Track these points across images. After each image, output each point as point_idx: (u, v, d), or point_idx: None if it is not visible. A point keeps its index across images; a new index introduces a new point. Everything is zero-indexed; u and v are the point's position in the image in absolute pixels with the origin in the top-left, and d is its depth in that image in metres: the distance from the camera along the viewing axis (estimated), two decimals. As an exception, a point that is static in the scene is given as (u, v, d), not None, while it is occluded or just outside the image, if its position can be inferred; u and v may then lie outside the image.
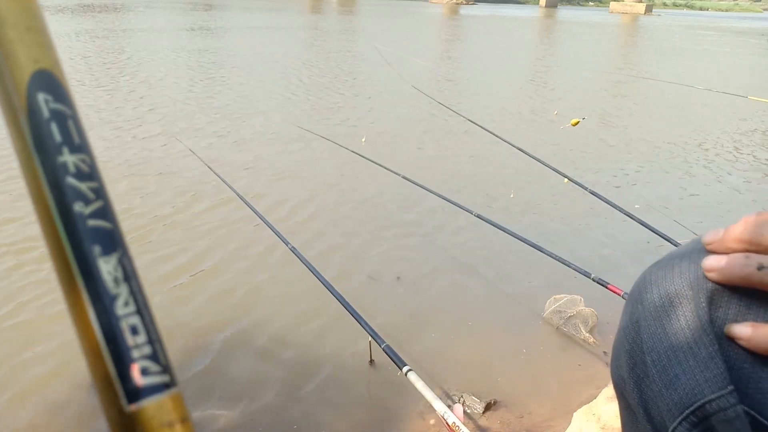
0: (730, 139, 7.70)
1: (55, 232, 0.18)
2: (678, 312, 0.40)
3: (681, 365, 0.39)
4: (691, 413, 0.38)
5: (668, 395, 0.40)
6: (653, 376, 0.41)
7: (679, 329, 0.40)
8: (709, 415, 0.38)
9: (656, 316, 0.42)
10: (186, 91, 9.13)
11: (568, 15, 50.30)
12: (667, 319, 0.41)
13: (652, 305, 0.42)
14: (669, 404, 0.40)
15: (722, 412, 0.37)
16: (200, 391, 2.64)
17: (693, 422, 0.38)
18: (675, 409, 0.39)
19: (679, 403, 0.39)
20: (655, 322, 0.42)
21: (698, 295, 0.40)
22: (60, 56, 0.20)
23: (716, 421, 0.37)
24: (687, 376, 0.39)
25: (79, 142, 0.19)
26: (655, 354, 0.41)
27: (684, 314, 0.40)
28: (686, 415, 0.39)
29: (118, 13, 23.84)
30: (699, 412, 0.38)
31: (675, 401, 0.39)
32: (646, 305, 0.43)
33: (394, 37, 21.76)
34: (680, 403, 0.39)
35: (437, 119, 7.83)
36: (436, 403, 1.44)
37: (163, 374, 0.19)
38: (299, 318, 3.23)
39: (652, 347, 0.41)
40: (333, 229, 4.37)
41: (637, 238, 4.07)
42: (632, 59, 18.05)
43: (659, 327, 0.41)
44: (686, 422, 0.39)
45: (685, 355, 0.39)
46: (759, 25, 46.34)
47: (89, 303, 0.18)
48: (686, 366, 0.39)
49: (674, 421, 0.39)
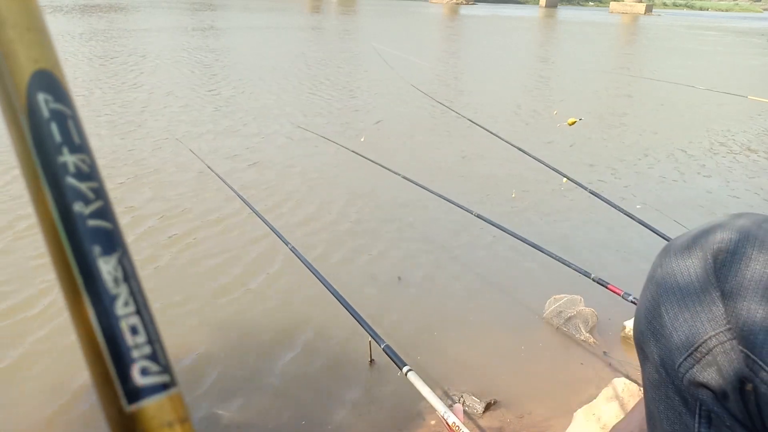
0: (730, 139, 7.69)
1: (55, 232, 0.18)
2: (689, 269, 0.48)
3: (690, 310, 0.47)
4: (696, 349, 0.46)
5: (677, 336, 0.48)
6: (666, 323, 0.49)
7: (689, 281, 0.48)
8: (710, 349, 0.45)
9: (672, 274, 0.49)
10: (186, 91, 9.13)
11: (568, 15, 50.29)
12: (680, 275, 0.49)
13: (669, 265, 0.50)
14: (677, 344, 0.47)
15: (721, 345, 0.45)
16: (200, 392, 2.64)
17: (697, 357, 0.46)
18: (682, 347, 0.47)
19: (686, 342, 0.47)
20: (670, 278, 0.49)
21: (706, 254, 0.47)
22: (60, 56, 0.20)
23: (716, 353, 0.45)
24: (694, 318, 0.47)
25: (79, 142, 0.19)
26: (668, 304, 0.49)
27: (694, 269, 0.48)
28: (690, 352, 0.46)
29: (118, 13, 23.84)
30: (702, 347, 0.46)
31: (682, 340, 0.47)
32: (665, 266, 0.51)
33: (394, 37, 21.76)
34: (687, 341, 0.47)
35: (437, 119, 7.83)
36: (436, 403, 1.44)
37: (162, 374, 0.19)
38: (299, 318, 3.23)
39: (666, 299, 0.49)
40: (333, 229, 4.37)
41: (637, 237, 4.07)
42: (632, 59, 18.05)
43: (673, 282, 0.49)
44: (691, 358, 0.46)
45: (692, 301, 0.47)
46: (759, 25, 46.32)
47: (89, 303, 0.18)
48: (693, 310, 0.47)
49: (681, 357, 0.47)
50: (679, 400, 0.49)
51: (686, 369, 0.47)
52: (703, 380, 0.46)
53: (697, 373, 0.47)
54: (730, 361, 0.45)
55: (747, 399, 0.44)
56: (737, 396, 0.45)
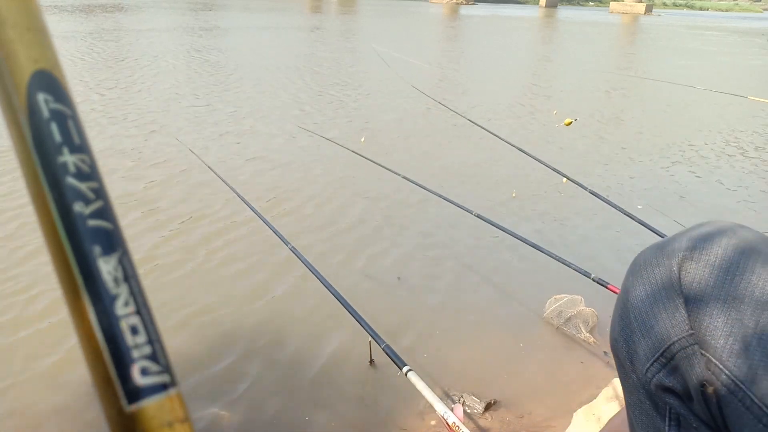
0: (730, 139, 7.69)
1: (55, 232, 0.18)
2: (656, 275, 0.50)
3: (655, 316, 0.49)
4: (661, 354, 0.48)
5: (644, 342, 0.50)
6: (635, 329, 0.51)
7: (655, 289, 0.50)
8: (674, 354, 0.48)
9: (640, 281, 0.52)
10: (186, 91, 9.13)
11: (568, 15, 50.29)
12: (647, 282, 0.51)
13: (638, 273, 0.53)
14: (645, 350, 0.50)
15: (683, 350, 0.47)
16: (200, 392, 2.63)
17: (662, 362, 0.48)
18: (649, 352, 0.49)
19: (652, 347, 0.49)
20: (639, 286, 0.52)
21: (671, 262, 0.49)
22: (60, 56, 0.20)
23: (679, 358, 0.47)
24: (659, 324, 0.49)
25: (79, 142, 0.19)
26: (636, 311, 0.51)
27: (660, 277, 0.50)
28: (657, 357, 0.49)
29: (118, 13, 23.84)
30: (667, 352, 0.48)
31: (650, 345, 0.49)
32: (634, 273, 0.53)
33: (394, 37, 21.76)
34: (653, 347, 0.49)
35: (437, 119, 7.83)
36: (436, 403, 1.44)
37: (163, 374, 0.19)
38: (299, 318, 3.23)
39: (635, 305, 0.51)
40: (333, 230, 4.37)
41: (637, 237, 4.06)
42: (632, 59, 18.04)
43: (641, 289, 0.51)
44: (657, 363, 0.49)
45: (658, 308, 0.49)
46: (759, 25, 46.32)
47: (89, 303, 0.18)
48: (659, 316, 0.49)
49: (648, 362, 0.49)
50: (650, 404, 0.51)
51: (653, 374, 0.49)
52: (669, 384, 0.48)
53: (663, 377, 0.48)
54: (692, 366, 0.46)
55: (709, 401, 0.46)
56: (700, 398, 0.46)
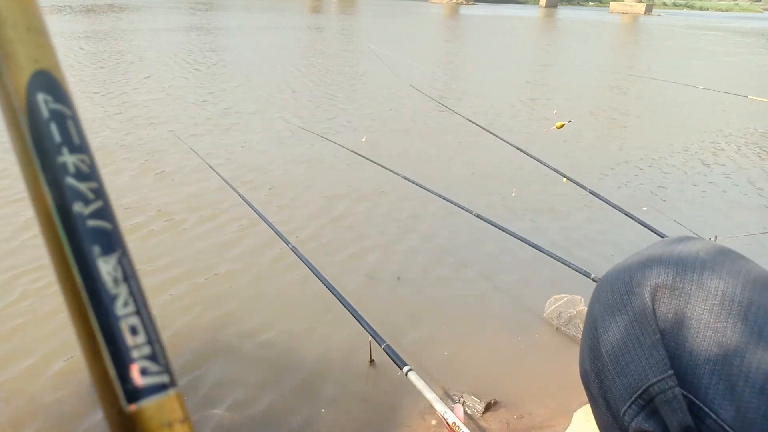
0: (730, 139, 7.69)
1: (55, 232, 0.18)
2: (627, 307, 0.45)
3: (630, 353, 0.44)
4: (639, 396, 0.43)
5: (620, 381, 0.45)
6: (607, 365, 0.46)
7: (627, 322, 0.45)
8: (653, 397, 0.43)
9: (609, 312, 0.47)
10: (186, 92, 9.13)
11: (568, 15, 50.29)
12: (618, 313, 0.46)
13: (606, 302, 0.47)
14: (620, 389, 0.45)
15: (663, 393, 0.42)
16: (199, 391, 2.63)
17: (641, 405, 0.44)
18: (625, 393, 0.44)
19: (628, 388, 0.44)
20: (608, 316, 0.47)
21: (643, 291, 0.44)
22: (60, 56, 0.20)
23: (658, 401, 0.42)
24: (635, 363, 0.44)
25: (79, 142, 0.19)
26: (608, 345, 0.46)
27: (632, 308, 0.45)
28: (634, 399, 0.44)
29: (118, 13, 23.84)
30: (645, 394, 0.43)
31: (625, 386, 0.44)
32: (602, 302, 0.48)
33: (394, 37, 21.76)
34: (629, 388, 0.44)
35: (437, 120, 7.83)
36: (436, 403, 1.44)
37: (162, 374, 0.19)
38: (299, 318, 3.23)
39: (606, 339, 0.46)
40: (333, 229, 4.37)
41: (637, 237, 4.06)
42: (632, 59, 18.04)
43: (611, 321, 0.46)
44: (635, 405, 0.44)
45: (633, 344, 0.44)
46: (759, 25, 46.32)
47: (89, 303, 0.18)
48: (634, 354, 0.44)
49: (624, 405, 0.44)
50: None
51: (631, 417, 0.44)
52: (648, 429, 0.44)
53: (642, 421, 0.44)
54: (673, 410, 0.42)
55: None
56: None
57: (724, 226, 4.68)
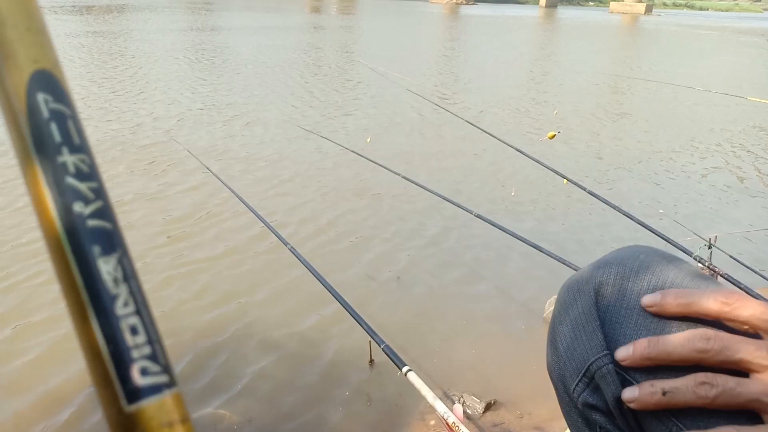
0: (729, 139, 7.70)
1: (55, 232, 0.18)
2: (577, 302, 0.53)
3: (577, 340, 0.52)
4: (583, 374, 0.51)
5: (570, 364, 0.53)
6: (562, 354, 0.55)
7: (577, 314, 0.53)
8: (593, 374, 0.50)
9: (564, 309, 0.55)
10: (186, 92, 9.13)
11: (568, 15, 50.30)
12: (570, 308, 0.54)
13: (562, 301, 0.56)
14: (570, 370, 0.53)
15: (599, 370, 0.50)
16: (199, 392, 2.64)
17: (586, 382, 0.52)
18: (574, 373, 0.53)
19: (576, 368, 0.52)
20: (563, 312, 0.55)
21: (590, 288, 0.52)
22: (60, 56, 0.20)
23: (597, 377, 0.50)
24: (581, 347, 0.52)
25: (79, 142, 0.19)
26: (562, 336, 0.55)
27: (581, 303, 0.53)
28: (580, 377, 0.52)
29: (118, 14, 23.84)
30: (588, 372, 0.51)
31: (574, 367, 0.52)
32: (559, 302, 0.56)
33: (394, 37, 21.76)
34: (577, 368, 0.52)
35: (437, 121, 7.84)
36: (436, 403, 1.44)
37: (162, 374, 0.19)
38: (299, 318, 3.23)
39: (561, 331, 0.55)
40: (333, 230, 4.37)
41: (637, 238, 4.07)
42: (632, 60, 18.04)
43: (566, 316, 0.55)
44: (581, 383, 0.52)
45: (579, 332, 0.52)
46: (759, 25, 46.32)
47: (89, 303, 0.18)
48: (580, 340, 0.52)
49: (574, 383, 0.53)
50: (582, 421, 0.53)
51: (579, 393, 0.52)
52: (593, 402, 0.51)
53: (587, 396, 0.52)
54: (607, 384, 0.49)
55: (627, 416, 0.48)
56: (620, 414, 0.49)
57: (723, 225, 4.68)
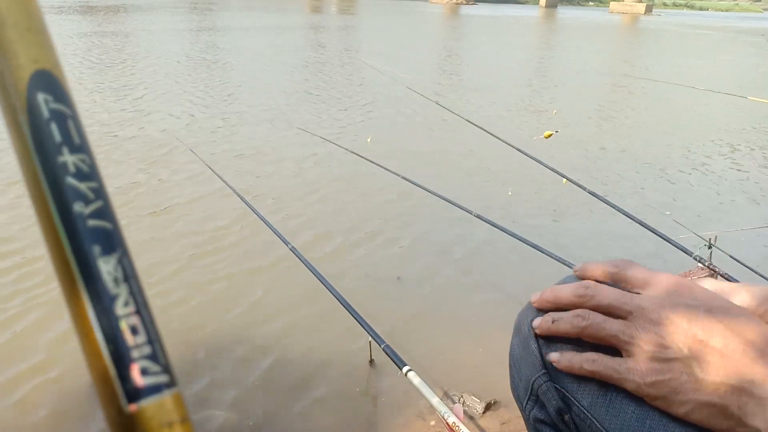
0: (729, 139, 7.70)
1: (55, 232, 0.18)
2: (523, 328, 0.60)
3: (524, 361, 0.59)
4: (530, 392, 0.57)
5: (521, 384, 0.59)
6: (514, 374, 0.62)
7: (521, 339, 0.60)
8: (536, 392, 0.56)
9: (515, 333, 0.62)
10: (185, 92, 9.13)
11: (568, 15, 50.28)
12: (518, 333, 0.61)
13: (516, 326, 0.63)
14: (521, 390, 0.59)
15: (540, 387, 0.56)
16: (199, 392, 2.64)
17: (534, 399, 0.57)
18: (523, 392, 0.59)
19: (525, 387, 0.58)
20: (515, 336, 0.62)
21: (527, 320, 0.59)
22: (60, 56, 0.20)
23: (541, 393, 0.56)
24: (526, 368, 0.58)
25: (79, 142, 0.19)
26: (513, 358, 0.62)
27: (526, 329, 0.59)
28: (528, 395, 0.58)
29: (118, 14, 23.84)
30: (533, 390, 0.57)
31: (523, 387, 0.58)
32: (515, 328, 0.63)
33: (395, 37, 21.77)
34: (525, 387, 0.58)
35: (437, 121, 7.83)
36: (436, 403, 1.44)
37: (162, 374, 0.19)
38: (299, 318, 3.23)
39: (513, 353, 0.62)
40: (333, 230, 4.37)
41: (637, 239, 4.07)
42: (633, 60, 18.04)
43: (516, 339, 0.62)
44: (530, 401, 0.58)
45: (525, 355, 0.58)
46: (759, 25, 46.29)
47: (89, 303, 0.18)
48: (526, 362, 0.58)
49: (524, 400, 0.59)
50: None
51: (529, 410, 0.58)
52: (541, 417, 0.57)
53: (536, 412, 0.57)
54: (548, 400, 0.55)
55: (569, 427, 0.54)
56: (563, 426, 0.54)
57: (723, 223, 4.68)
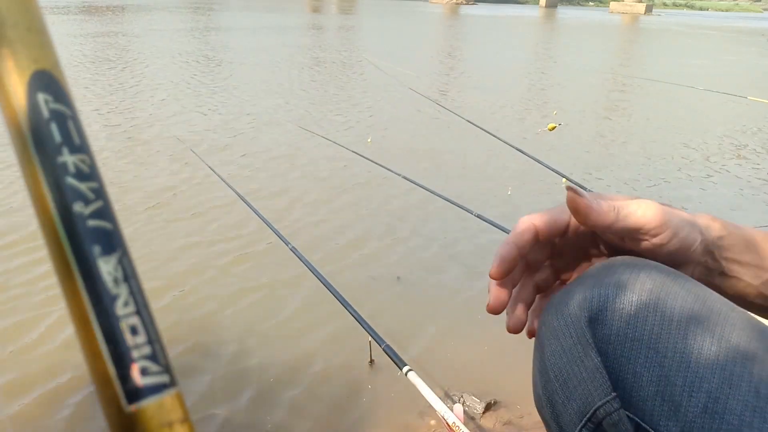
0: (729, 139, 7.69)
1: (55, 232, 0.18)
2: (570, 331, 0.46)
3: (576, 377, 0.45)
4: (588, 420, 0.44)
5: (570, 406, 0.46)
6: (557, 390, 0.47)
7: (571, 345, 0.45)
8: (600, 420, 0.43)
9: (554, 336, 0.48)
10: (185, 92, 9.13)
11: (568, 15, 50.28)
12: (562, 337, 0.46)
13: (551, 326, 0.49)
14: (571, 414, 0.46)
15: (609, 416, 0.42)
16: (198, 392, 2.64)
17: (591, 428, 0.44)
18: (575, 418, 0.45)
19: (578, 412, 0.45)
20: (554, 341, 0.48)
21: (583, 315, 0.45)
22: (60, 56, 0.20)
23: (606, 425, 0.43)
24: (581, 387, 0.44)
25: (79, 142, 0.19)
26: (556, 369, 0.47)
27: (574, 333, 0.45)
28: (584, 423, 0.45)
29: (118, 14, 23.84)
30: (593, 418, 0.44)
31: (575, 410, 0.45)
32: (548, 326, 0.50)
33: (395, 37, 21.77)
34: (579, 412, 0.45)
35: (437, 121, 7.83)
36: (436, 403, 1.44)
37: (162, 374, 0.19)
38: (298, 318, 3.23)
39: (554, 363, 0.48)
40: (333, 230, 4.37)
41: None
42: (632, 60, 18.04)
43: (557, 345, 0.47)
44: (585, 429, 0.45)
45: (578, 368, 0.45)
46: (759, 25, 46.29)
47: (89, 303, 0.18)
48: (580, 378, 0.45)
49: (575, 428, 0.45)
50: None
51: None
52: None
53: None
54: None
55: None
56: None
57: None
